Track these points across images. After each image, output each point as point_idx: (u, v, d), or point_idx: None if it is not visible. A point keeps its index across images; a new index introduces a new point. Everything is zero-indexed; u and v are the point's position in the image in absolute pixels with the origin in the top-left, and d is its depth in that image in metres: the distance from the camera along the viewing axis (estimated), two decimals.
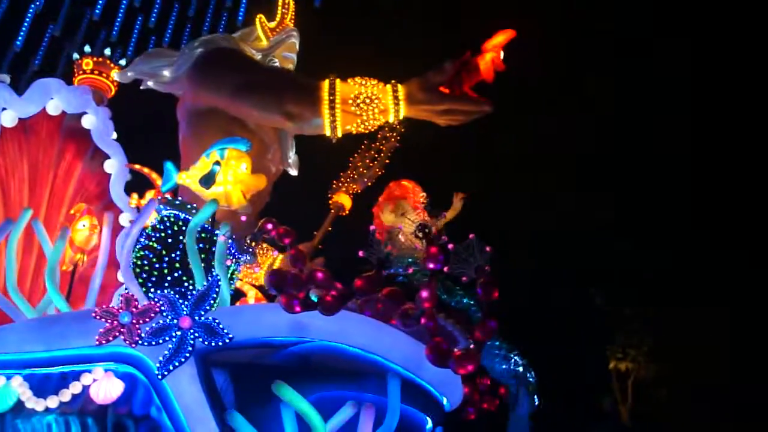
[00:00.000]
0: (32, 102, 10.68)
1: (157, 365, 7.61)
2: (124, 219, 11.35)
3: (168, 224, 9.76)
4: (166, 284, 9.54)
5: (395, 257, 9.55)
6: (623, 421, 27.19)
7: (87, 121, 11.31)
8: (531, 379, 10.62)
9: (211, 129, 10.24)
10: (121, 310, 7.90)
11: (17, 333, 8.27)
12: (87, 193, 11.49)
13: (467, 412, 10.47)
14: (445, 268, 7.76)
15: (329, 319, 7.80)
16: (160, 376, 7.58)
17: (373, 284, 7.51)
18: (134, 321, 7.82)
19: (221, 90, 10.13)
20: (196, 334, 7.66)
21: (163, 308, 7.84)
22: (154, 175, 11.28)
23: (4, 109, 10.40)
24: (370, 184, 11.81)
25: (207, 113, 10.36)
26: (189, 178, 9.24)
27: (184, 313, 7.77)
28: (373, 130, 9.74)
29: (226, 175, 9.01)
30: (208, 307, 7.78)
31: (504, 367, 10.34)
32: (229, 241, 9.35)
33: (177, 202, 9.77)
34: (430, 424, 8.95)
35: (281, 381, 7.28)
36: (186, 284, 9.49)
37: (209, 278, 8.06)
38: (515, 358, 10.48)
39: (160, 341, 7.69)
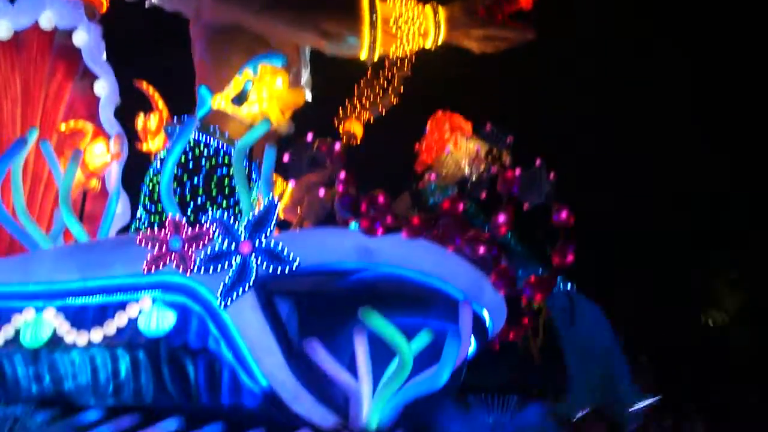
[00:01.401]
0: (25, 12, 9.69)
1: (217, 294, 7.02)
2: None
3: (188, 148, 9.07)
4: (189, 211, 8.92)
5: (439, 186, 9.16)
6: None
7: (78, 39, 10.38)
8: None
9: (233, 48, 9.46)
10: (169, 236, 7.24)
11: (47, 261, 7.51)
12: (76, 117, 10.57)
13: (493, 342, 10.25)
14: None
15: (396, 245, 7.40)
16: (222, 306, 7.00)
17: (457, 207, 7.12)
18: (186, 247, 7.19)
19: (250, 4, 9.35)
20: (259, 260, 7.09)
21: (216, 233, 7.23)
22: (156, 96, 10.44)
23: None
24: (384, 113, 11.26)
25: (229, 31, 9.54)
26: (224, 101, 8.53)
27: (243, 237, 7.18)
28: (410, 54, 9.23)
29: (261, 92, 8.35)
30: (268, 232, 7.21)
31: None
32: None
33: (199, 123, 9.07)
34: (474, 348, 8.68)
35: (367, 306, 6.78)
36: (210, 210, 8.87)
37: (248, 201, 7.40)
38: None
39: (218, 268, 7.10)
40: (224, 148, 9.12)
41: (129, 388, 7.19)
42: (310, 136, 7.49)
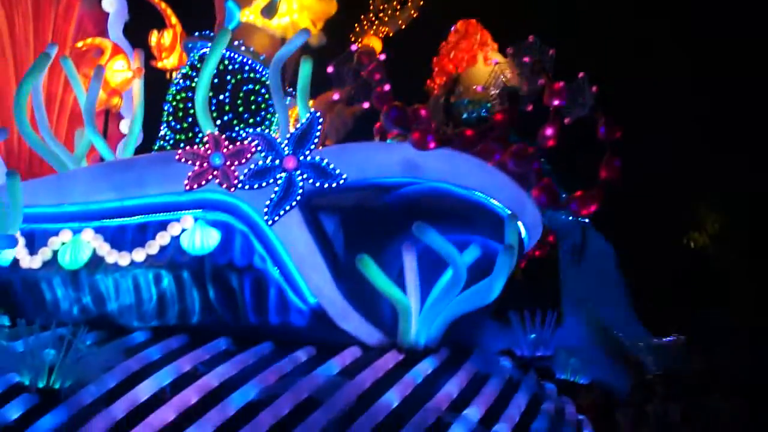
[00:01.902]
0: None
1: (263, 211, 6.84)
2: None
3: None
4: (216, 129, 8.64)
5: (472, 101, 8.93)
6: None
7: None
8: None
9: None
10: (210, 152, 7.01)
11: (83, 181, 7.26)
12: (86, 34, 10.18)
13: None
14: None
15: (441, 159, 7.25)
16: (269, 222, 6.82)
17: (512, 120, 6.94)
18: (228, 163, 6.97)
19: None
20: (305, 175, 6.90)
21: (259, 148, 7.01)
22: (169, 12, 10.03)
23: None
24: (403, 27, 10.91)
25: None
26: (253, 14, 8.18)
27: (287, 152, 6.96)
28: None
29: (291, 4, 8.01)
30: (312, 147, 6.99)
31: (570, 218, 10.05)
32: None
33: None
34: None
35: (419, 221, 6.62)
36: (237, 128, 8.63)
37: (308, 115, 7.14)
38: None
39: (263, 184, 6.90)
40: (249, 63, 8.80)
41: (174, 309, 7.07)
42: (354, 47, 7.19)
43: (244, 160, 6.95)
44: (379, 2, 11.21)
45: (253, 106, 8.76)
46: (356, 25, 11.24)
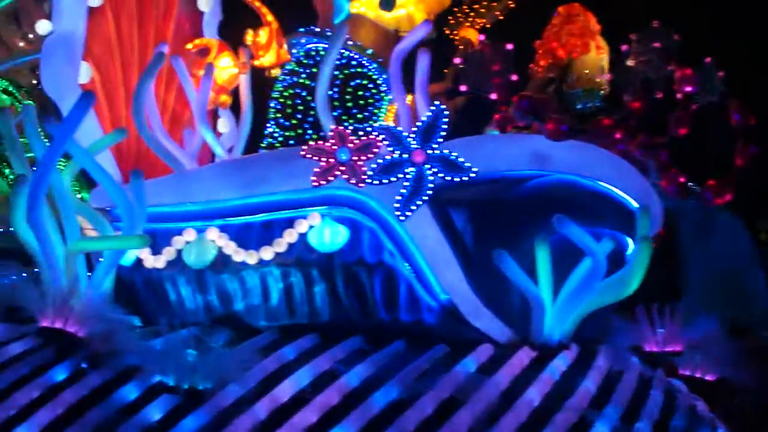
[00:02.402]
0: None
1: (395, 206, 6.71)
2: None
3: (319, 59, 8.68)
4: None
5: (586, 90, 8.70)
6: None
7: None
8: None
9: None
10: (336, 147, 6.89)
11: (206, 179, 7.21)
12: (184, 34, 10.10)
13: None
14: None
15: (570, 150, 7.07)
16: (401, 218, 6.69)
17: (648, 106, 6.72)
18: (355, 158, 6.84)
19: None
20: (434, 169, 6.75)
21: (385, 142, 6.87)
22: (264, 10, 9.96)
23: None
24: (501, 17, 10.72)
25: None
26: (364, 5, 8.06)
27: (414, 146, 6.82)
28: None
29: None
30: (439, 140, 6.84)
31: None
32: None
33: (328, 32, 8.66)
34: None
35: (561, 214, 6.43)
36: (346, 124, 8.53)
37: (432, 108, 6.98)
38: None
39: (392, 179, 6.77)
40: (357, 58, 8.71)
41: (303, 307, 6.97)
42: (482, 36, 7.03)
43: (371, 155, 6.82)
44: None
45: (361, 101, 8.68)
46: (450, 17, 11.08)
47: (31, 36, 11.44)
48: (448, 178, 6.73)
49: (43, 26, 8.11)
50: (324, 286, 6.88)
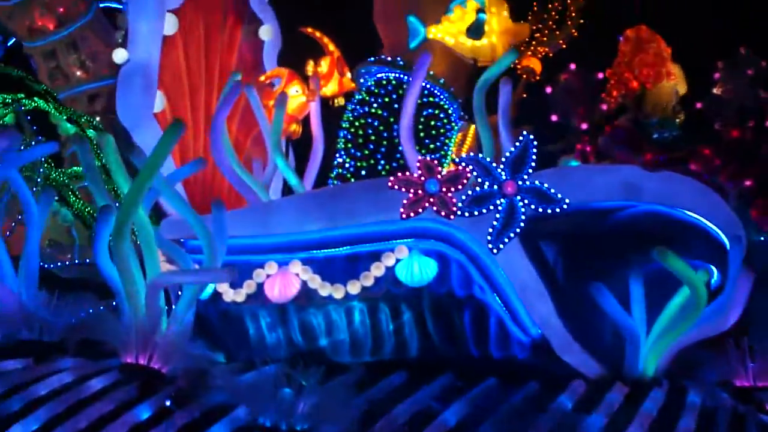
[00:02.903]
0: None
1: (488, 238, 6.55)
2: None
3: (391, 87, 8.60)
4: (398, 155, 8.46)
5: (661, 120, 8.56)
6: None
7: None
8: None
9: None
10: (424, 178, 6.76)
11: (289, 211, 7.06)
12: (246, 64, 10.11)
13: None
14: None
15: (660, 181, 6.89)
16: (495, 251, 6.53)
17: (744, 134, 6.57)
18: (444, 189, 6.70)
19: None
20: (526, 201, 6.59)
21: (474, 173, 6.73)
22: (325, 39, 9.91)
23: None
24: (564, 46, 10.61)
25: None
26: (441, 32, 7.95)
27: (504, 177, 6.67)
28: None
29: (492, 25, 7.78)
30: (530, 170, 6.69)
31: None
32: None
33: (400, 62, 8.57)
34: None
35: (662, 246, 6.25)
36: (421, 155, 8.39)
37: (521, 138, 6.84)
38: None
39: (483, 210, 6.61)
40: (428, 87, 8.60)
41: (391, 343, 6.82)
42: (572, 66, 6.91)
43: (460, 186, 6.68)
44: (534, 21, 10.97)
45: (433, 131, 8.58)
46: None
47: (89, 65, 11.50)
48: (541, 209, 6.55)
49: (119, 55, 8.06)
50: (412, 321, 6.72)
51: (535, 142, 6.78)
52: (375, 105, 8.64)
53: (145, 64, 8.11)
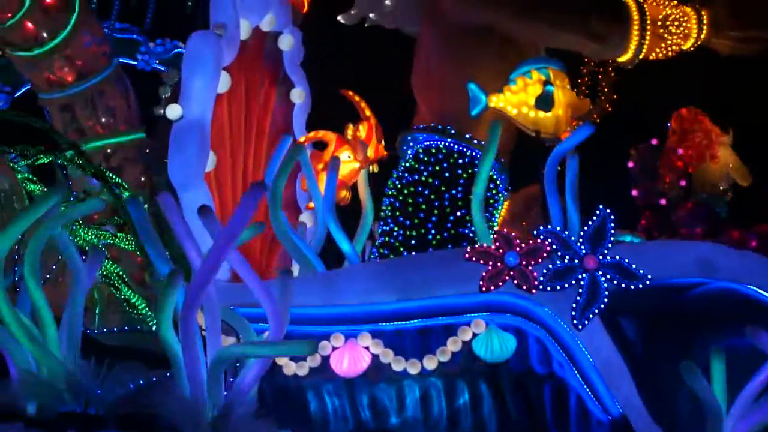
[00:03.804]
0: (256, 11, 8.96)
1: (572, 314, 6.37)
2: None
3: (441, 156, 8.51)
4: (449, 225, 8.30)
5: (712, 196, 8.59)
6: None
7: (284, 42, 9.64)
8: None
9: (481, 49, 8.91)
10: (502, 251, 6.58)
11: (357, 280, 6.79)
12: (277, 125, 9.88)
13: None
14: None
15: (734, 258, 6.82)
16: (579, 327, 6.34)
17: None
18: (524, 263, 6.52)
19: (507, 6, 8.75)
20: (608, 276, 6.45)
21: (553, 247, 6.58)
22: (363, 104, 9.79)
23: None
24: (598, 121, 10.67)
25: (477, 32, 8.90)
26: (503, 101, 7.87)
27: (584, 251, 6.54)
28: (670, 56, 8.69)
29: (558, 98, 7.75)
30: (609, 245, 6.57)
31: None
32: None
33: (452, 131, 8.51)
34: None
35: (753, 326, 6.12)
36: (470, 224, 8.26)
37: (597, 213, 6.73)
38: None
39: (566, 285, 6.45)
40: (479, 156, 8.48)
41: (468, 420, 6.52)
42: (655, 141, 6.88)
43: (540, 260, 6.51)
44: None
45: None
46: None
47: (106, 120, 11.15)
48: (624, 285, 6.42)
49: (173, 111, 7.78)
50: (491, 399, 6.46)
51: (612, 217, 6.70)
52: (425, 173, 8.49)
53: (199, 122, 7.84)
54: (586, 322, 6.34)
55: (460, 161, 8.46)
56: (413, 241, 8.29)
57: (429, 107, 9.26)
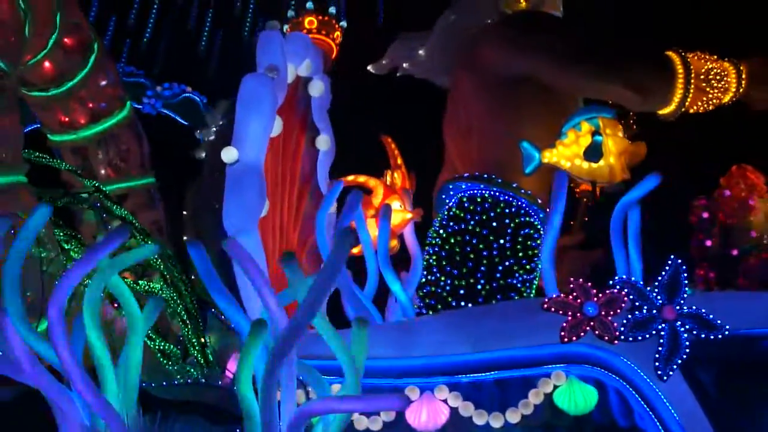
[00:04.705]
0: (298, 56, 8.83)
1: (656, 365, 6.31)
2: None
3: (488, 205, 8.45)
4: (498, 275, 8.22)
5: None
6: None
7: (315, 89, 9.51)
8: None
9: (522, 97, 8.93)
10: (581, 301, 6.51)
11: (432, 331, 6.61)
12: (304, 173, 9.72)
13: None
14: None
15: None
16: (664, 378, 6.28)
17: None
18: (603, 313, 6.46)
19: (548, 56, 8.81)
20: (687, 326, 6.44)
21: (630, 297, 6.55)
22: (396, 152, 9.73)
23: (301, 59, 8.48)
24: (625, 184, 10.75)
25: (517, 80, 8.94)
26: (556, 156, 7.88)
27: (660, 301, 6.52)
28: (709, 110, 8.87)
29: (608, 146, 7.79)
30: (685, 295, 6.57)
31: None
32: None
33: (499, 180, 8.48)
34: None
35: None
36: (518, 274, 8.22)
37: (669, 263, 6.75)
38: None
39: (647, 336, 6.40)
40: (525, 206, 8.48)
41: None
42: (726, 192, 6.94)
43: (619, 310, 6.47)
44: None
45: (530, 252, 8.39)
46: None
47: (118, 164, 10.84)
48: (703, 335, 6.41)
49: (229, 154, 7.53)
50: None
51: (684, 267, 6.72)
52: (471, 222, 8.41)
53: (256, 165, 7.61)
54: (671, 373, 6.29)
55: (507, 210, 8.42)
56: (462, 291, 8.17)
57: (465, 156, 9.24)
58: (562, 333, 6.39)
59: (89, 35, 10.04)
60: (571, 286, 6.62)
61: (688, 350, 6.37)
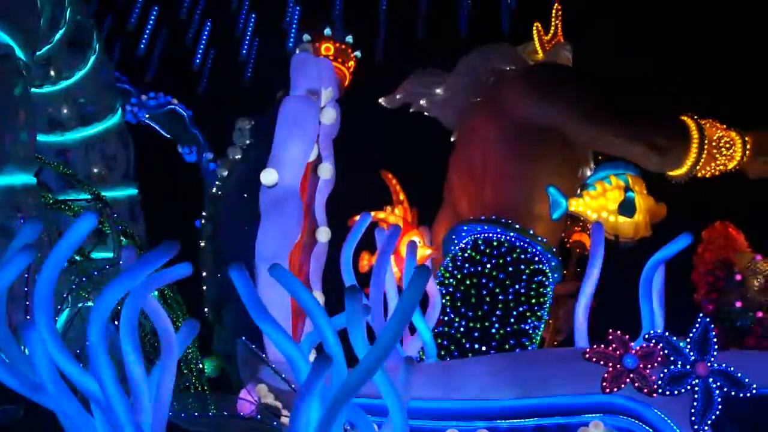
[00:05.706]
0: (328, 82, 8.76)
1: (691, 419, 6.50)
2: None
3: (504, 249, 8.54)
4: (512, 320, 8.31)
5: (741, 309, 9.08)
6: None
7: (328, 116, 9.44)
8: None
9: (544, 147, 9.08)
10: (620, 353, 6.65)
11: (474, 375, 6.63)
12: (308, 200, 9.60)
13: None
14: None
15: None
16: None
17: None
18: (641, 366, 6.63)
19: (577, 111, 8.98)
20: (718, 383, 6.67)
21: (665, 351, 6.74)
22: (398, 188, 9.72)
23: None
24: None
25: (540, 131, 9.06)
26: (582, 206, 8.06)
27: (693, 357, 6.74)
28: (715, 175, 9.27)
29: (638, 203, 8.03)
30: (715, 352, 6.81)
31: None
32: None
33: (517, 225, 8.58)
34: None
35: None
36: (530, 320, 8.33)
37: (699, 321, 6.98)
38: None
39: (682, 390, 6.59)
40: (540, 254, 8.60)
41: None
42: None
43: (656, 363, 6.65)
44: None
45: (541, 299, 8.51)
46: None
47: (102, 172, 10.40)
48: (733, 393, 6.65)
49: (269, 177, 7.35)
50: None
51: (712, 325, 6.97)
52: (488, 265, 8.45)
53: (294, 190, 7.48)
54: (706, 428, 6.49)
55: (523, 257, 8.53)
56: (476, 333, 8.21)
57: (474, 197, 9.32)
58: (604, 383, 6.52)
59: (92, 34, 9.63)
60: (610, 337, 6.77)
61: (720, 406, 6.60)
